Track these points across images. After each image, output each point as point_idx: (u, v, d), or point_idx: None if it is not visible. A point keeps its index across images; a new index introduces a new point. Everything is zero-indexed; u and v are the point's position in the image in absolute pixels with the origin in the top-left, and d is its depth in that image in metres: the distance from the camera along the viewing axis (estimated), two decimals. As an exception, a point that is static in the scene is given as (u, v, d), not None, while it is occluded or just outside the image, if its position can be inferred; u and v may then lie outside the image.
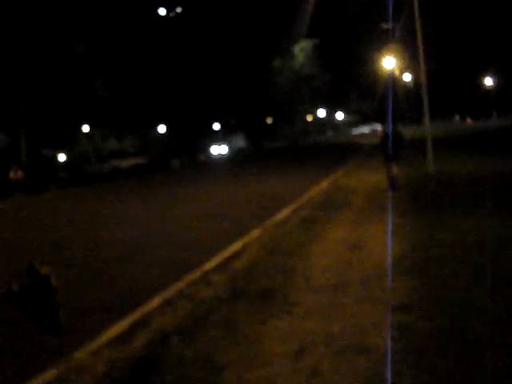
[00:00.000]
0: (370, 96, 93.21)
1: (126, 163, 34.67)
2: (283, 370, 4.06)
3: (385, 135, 14.43)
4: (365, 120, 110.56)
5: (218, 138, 61.85)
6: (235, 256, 8.16)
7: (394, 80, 49.20)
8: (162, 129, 60.35)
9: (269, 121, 78.23)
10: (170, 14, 50.27)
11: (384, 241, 7.93)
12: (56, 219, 16.17)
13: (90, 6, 31.59)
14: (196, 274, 7.22)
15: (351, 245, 7.90)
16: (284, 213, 12.13)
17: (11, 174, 28.16)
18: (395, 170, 13.69)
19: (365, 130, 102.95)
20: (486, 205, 9.53)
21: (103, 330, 5.39)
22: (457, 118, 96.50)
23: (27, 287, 5.49)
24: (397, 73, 48.98)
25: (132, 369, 4.32)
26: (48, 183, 31.40)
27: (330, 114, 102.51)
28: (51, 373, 4.50)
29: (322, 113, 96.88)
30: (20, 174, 27.65)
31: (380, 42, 55.84)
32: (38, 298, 5.47)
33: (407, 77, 56.08)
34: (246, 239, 9.43)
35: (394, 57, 42.67)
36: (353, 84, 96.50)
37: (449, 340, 4.23)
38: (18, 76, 29.88)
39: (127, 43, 39.55)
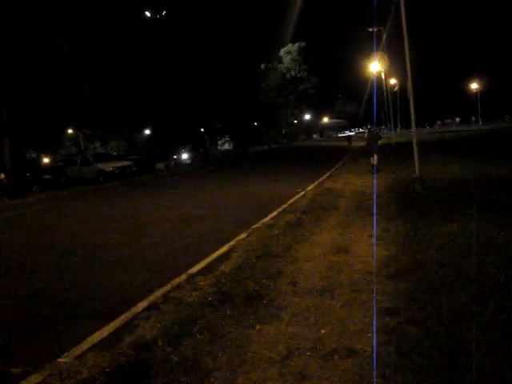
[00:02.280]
0: (356, 100, 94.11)
1: (110, 166, 34.40)
2: (271, 375, 4.04)
3: (369, 135, 21.88)
4: (351, 123, 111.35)
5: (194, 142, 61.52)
6: (222, 259, 8.14)
7: (379, 84, 49.47)
8: (147, 132, 60.22)
9: (255, 124, 78.34)
10: (157, 16, 50.14)
11: (371, 244, 7.95)
12: (39, 222, 16.03)
13: (75, 7, 31.37)
14: (182, 277, 7.18)
15: (338, 248, 7.90)
16: (270, 216, 12.12)
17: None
18: (375, 159, 19.99)
19: (351, 133, 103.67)
20: (473, 208, 9.58)
21: (88, 335, 5.34)
22: (457, 120, 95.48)
23: None
24: (383, 77, 49.26)
25: (117, 374, 4.27)
26: (32, 186, 31.16)
27: (316, 117, 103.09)
28: (35, 378, 4.45)
29: (307, 116, 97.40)
30: (3, 177, 27.35)
31: (367, 46, 56.26)
32: None
33: (393, 81, 56.43)
34: (232, 242, 9.41)
35: (380, 61, 42.95)
36: (339, 88, 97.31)
37: (435, 343, 4.24)
38: (0, 77, 29.57)
39: (113, 45, 39.33)
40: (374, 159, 20.05)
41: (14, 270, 9.23)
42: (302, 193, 16.08)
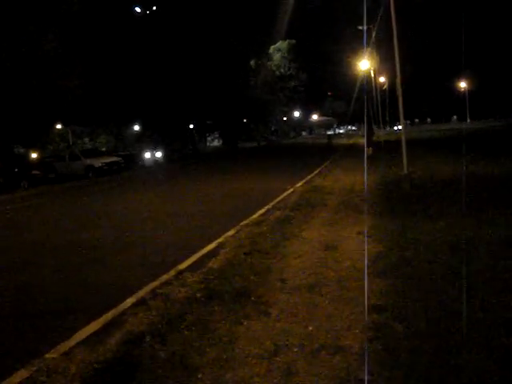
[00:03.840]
0: (345, 97, 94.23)
1: (99, 161, 34.30)
2: (258, 371, 4.05)
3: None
4: (340, 121, 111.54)
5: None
6: (210, 256, 8.13)
7: (369, 82, 49.54)
8: (136, 127, 59.94)
9: (244, 121, 78.26)
10: (147, 12, 49.95)
11: (359, 241, 7.98)
12: (28, 218, 15.94)
13: (65, 1, 31.16)
14: (171, 274, 7.17)
15: (327, 245, 7.92)
16: (259, 213, 12.13)
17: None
18: (370, 150, 27.12)
19: (340, 130, 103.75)
20: (460, 205, 9.64)
21: (75, 331, 5.32)
22: (454, 118, 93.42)
23: None
24: (372, 75, 49.34)
25: (105, 370, 4.26)
26: (20, 181, 30.93)
27: (306, 114, 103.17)
28: (22, 374, 4.42)
29: (297, 113, 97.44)
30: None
31: (356, 44, 56.25)
32: None
33: (382, 79, 56.51)
34: (220, 239, 9.40)
35: (370, 59, 42.99)
36: (328, 85, 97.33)
37: (423, 340, 4.26)
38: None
39: (103, 40, 39.17)
40: (369, 151, 26.87)
41: None
42: (291, 190, 16.11)
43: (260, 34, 68.98)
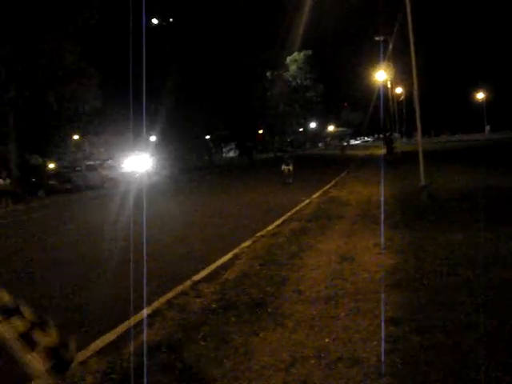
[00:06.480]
0: (361, 108, 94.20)
1: (115, 172, 34.68)
2: (275, 382, 4.02)
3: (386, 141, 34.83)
4: (356, 132, 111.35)
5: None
6: (226, 267, 8.11)
7: (385, 93, 49.46)
8: (152, 138, 60.29)
9: (260, 132, 78.44)
10: (164, 24, 50.47)
11: (376, 253, 7.92)
12: (42, 228, 16.04)
13: (82, 14, 31.57)
14: (186, 284, 7.15)
15: (343, 257, 7.87)
16: (275, 224, 12.10)
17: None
18: (390, 157, 30.69)
19: (356, 141, 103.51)
20: (479, 218, 9.55)
21: (92, 341, 5.32)
22: (487, 128, 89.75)
23: None
24: (389, 86, 49.25)
25: (122, 380, 4.25)
26: (37, 191, 31.23)
27: (322, 125, 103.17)
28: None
29: (313, 124, 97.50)
30: (8, 181, 27.39)
31: (373, 55, 56.28)
32: None
33: (399, 90, 56.39)
34: (236, 250, 9.38)
35: (387, 70, 42.97)
36: (344, 96, 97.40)
37: (440, 353, 4.21)
38: (7, 83, 29.78)
39: (120, 53, 39.66)
40: (388, 157, 30.59)
41: (13, 274, 9.20)
42: (307, 201, 16.07)
43: (276, 44, 69.28)
